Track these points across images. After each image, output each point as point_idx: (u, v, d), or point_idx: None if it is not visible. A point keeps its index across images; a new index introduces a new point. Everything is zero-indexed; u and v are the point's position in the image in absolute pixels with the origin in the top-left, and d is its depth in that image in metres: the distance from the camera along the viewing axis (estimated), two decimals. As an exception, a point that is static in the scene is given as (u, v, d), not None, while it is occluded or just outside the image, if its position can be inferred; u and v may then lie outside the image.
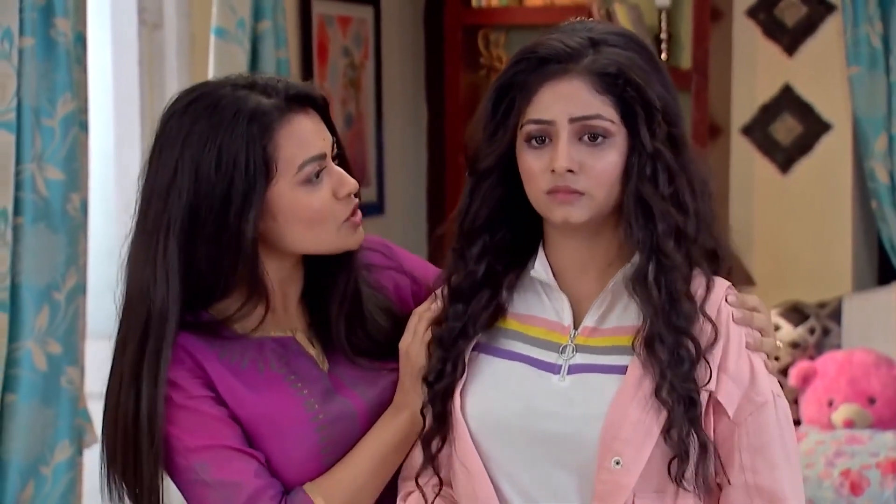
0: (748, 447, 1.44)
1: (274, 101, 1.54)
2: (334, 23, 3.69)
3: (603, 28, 1.47)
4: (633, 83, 1.43)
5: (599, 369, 1.46)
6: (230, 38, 3.05)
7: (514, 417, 1.46)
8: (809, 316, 3.62)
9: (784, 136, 3.84)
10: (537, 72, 1.43)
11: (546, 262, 1.50)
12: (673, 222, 1.43)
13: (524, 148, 1.45)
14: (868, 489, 3.31)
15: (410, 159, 4.11)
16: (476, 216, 1.49)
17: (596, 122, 1.42)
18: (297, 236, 1.57)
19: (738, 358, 1.46)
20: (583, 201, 1.43)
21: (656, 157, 1.44)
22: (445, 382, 1.49)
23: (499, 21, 3.90)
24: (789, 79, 3.83)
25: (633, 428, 1.41)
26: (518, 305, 1.52)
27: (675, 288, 1.43)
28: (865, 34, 3.62)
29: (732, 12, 3.87)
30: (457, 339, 1.50)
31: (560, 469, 1.44)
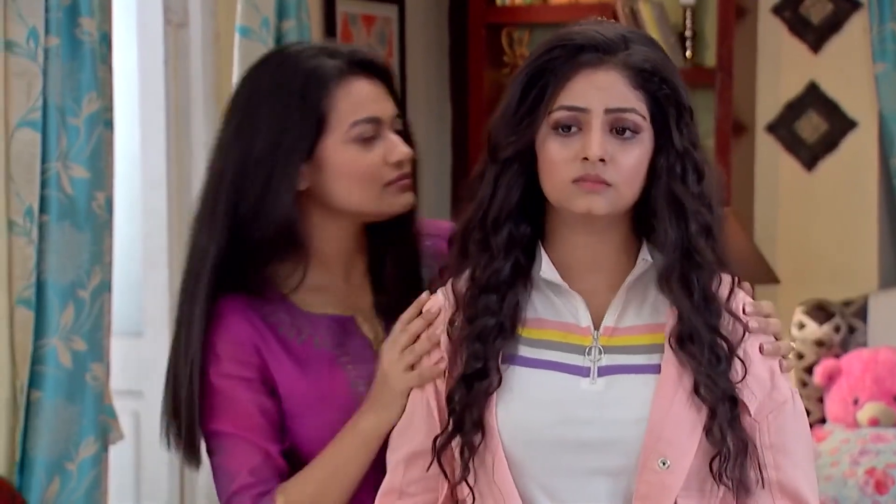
0: (770, 445, 1.45)
1: (336, 63, 1.63)
2: (358, 21, 3.70)
3: (628, 27, 1.47)
4: (668, 82, 1.43)
5: (630, 370, 1.45)
6: (254, 36, 3.06)
7: (548, 427, 1.43)
8: (835, 314, 3.60)
9: (809, 134, 3.82)
10: (573, 59, 1.41)
11: (550, 262, 1.47)
12: (704, 220, 1.44)
13: (550, 135, 1.43)
14: (893, 488, 3.30)
15: (434, 158, 4.11)
16: (502, 206, 1.45)
17: (630, 116, 1.42)
18: (343, 192, 1.62)
19: (760, 357, 1.46)
20: (609, 193, 1.41)
21: (686, 156, 1.44)
22: (485, 386, 1.43)
23: (523, 19, 3.90)
24: (815, 76, 3.81)
25: (676, 427, 1.40)
26: (527, 310, 1.48)
27: (708, 286, 1.44)
28: (891, 31, 3.59)
29: (758, 9, 3.85)
30: (495, 337, 1.45)
31: (596, 474, 1.43)
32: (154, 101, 3.17)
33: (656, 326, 1.46)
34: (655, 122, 1.43)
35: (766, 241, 3.79)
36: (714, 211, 1.45)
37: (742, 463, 1.41)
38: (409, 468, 1.50)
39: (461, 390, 1.44)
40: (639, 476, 1.40)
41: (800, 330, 3.61)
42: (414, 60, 3.98)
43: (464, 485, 1.45)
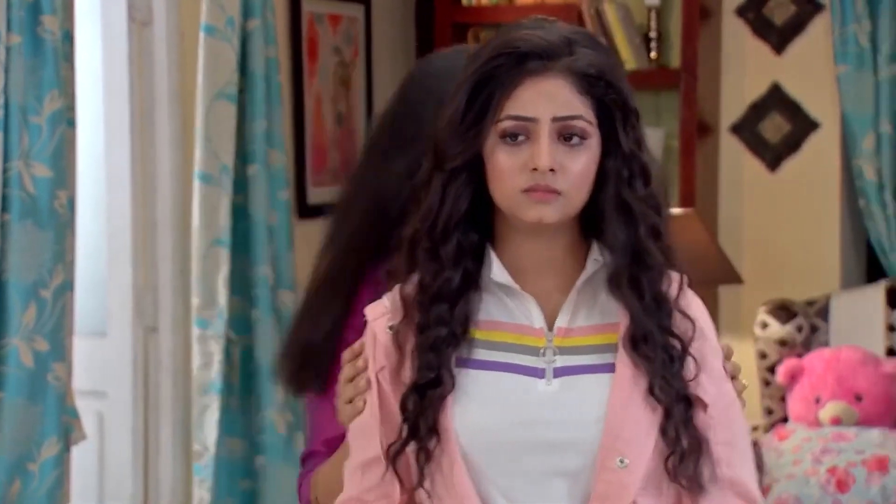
0: (723, 442, 1.46)
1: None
2: (324, 21, 3.70)
3: (570, 28, 1.46)
4: (614, 86, 1.43)
5: (584, 370, 1.45)
6: (219, 35, 3.05)
7: (506, 430, 1.43)
8: (797, 314, 3.63)
9: (772, 135, 3.85)
10: (518, 67, 1.41)
11: (501, 265, 1.47)
12: (652, 222, 1.44)
13: (498, 144, 1.42)
14: (854, 486, 3.33)
15: (401, 157, 4.12)
16: (451, 215, 1.44)
17: (577, 123, 1.41)
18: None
19: (713, 356, 1.48)
20: (559, 201, 1.42)
21: (633, 159, 1.44)
22: (439, 392, 1.43)
23: (489, 19, 3.91)
24: (778, 77, 3.84)
25: (634, 426, 1.41)
26: (479, 313, 1.47)
27: (658, 287, 1.45)
28: (853, 33, 3.63)
29: (721, 11, 3.88)
30: (447, 345, 1.44)
31: (555, 475, 1.43)
32: (118, 99, 3.16)
33: (608, 326, 1.46)
34: (602, 126, 1.43)
35: (731, 242, 3.82)
36: (661, 212, 1.46)
37: (696, 461, 1.42)
38: (366, 475, 1.50)
39: (414, 397, 1.44)
40: (597, 475, 1.41)
41: (763, 329, 3.63)
42: (380, 60, 3.98)
43: (421, 490, 1.45)
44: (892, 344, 3.59)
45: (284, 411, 3.19)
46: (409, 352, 1.46)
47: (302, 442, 3.26)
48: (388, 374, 1.48)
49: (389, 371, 1.47)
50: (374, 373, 1.49)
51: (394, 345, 1.47)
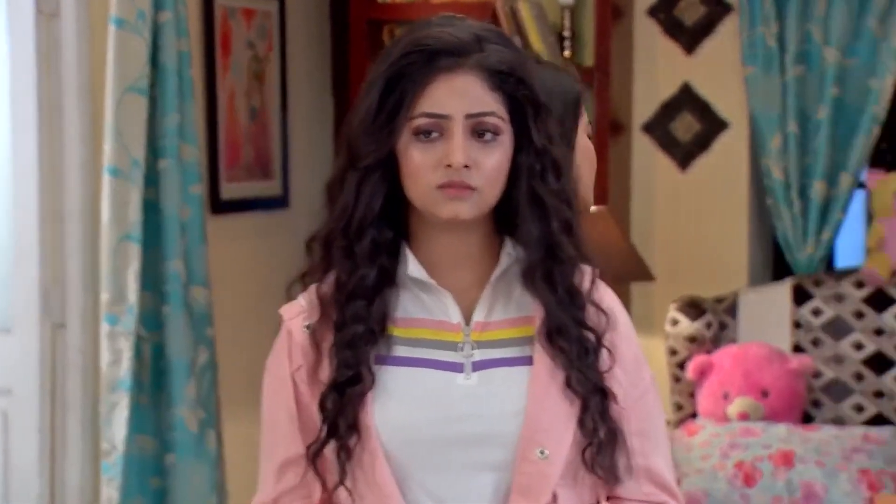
0: (637, 432, 1.48)
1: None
2: (237, 14, 3.66)
3: (479, 24, 1.47)
4: (525, 82, 1.45)
5: (503, 363, 1.46)
6: (130, 28, 3.01)
7: (427, 425, 1.44)
8: (706, 310, 3.69)
9: (683, 134, 3.90)
10: (429, 64, 1.42)
11: (417, 261, 1.47)
12: (564, 216, 1.46)
13: (412, 141, 1.43)
14: (760, 480, 3.39)
15: (316, 153, 4.10)
16: (365, 213, 1.45)
17: (490, 119, 1.43)
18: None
19: (626, 346, 1.50)
20: (473, 197, 1.43)
21: (545, 154, 1.46)
22: (358, 389, 1.43)
23: (404, 16, 3.90)
24: (688, 77, 3.89)
25: (553, 417, 1.43)
26: (396, 310, 1.48)
27: (571, 280, 1.46)
28: (761, 35, 3.69)
29: (633, 11, 3.92)
30: (365, 342, 1.44)
31: (477, 469, 1.44)
32: (25, 93, 3.10)
33: (524, 319, 1.48)
34: (514, 121, 1.45)
35: (642, 239, 3.86)
36: (573, 206, 1.48)
37: (612, 452, 1.45)
38: (281, 478, 1.50)
39: (333, 396, 1.44)
40: (518, 467, 1.42)
41: (673, 326, 3.68)
42: (294, 55, 3.96)
43: (342, 488, 1.44)
44: (797, 340, 3.66)
45: (196, 408, 3.16)
46: (327, 350, 1.46)
47: (214, 439, 3.23)
48: (305, 373, 1.47)
49: (306, 370, 1.47)
50: (291, 372, 1.48)
51: (311, 344, 1.47)
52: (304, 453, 1.46)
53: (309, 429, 1.47)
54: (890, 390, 3.57)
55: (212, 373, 3.25)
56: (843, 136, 3.70)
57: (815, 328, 3.63)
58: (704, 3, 3.86)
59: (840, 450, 3.39)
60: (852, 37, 3.67)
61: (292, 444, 1.48)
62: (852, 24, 3.66)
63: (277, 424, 1.50)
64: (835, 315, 3.63)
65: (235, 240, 3.65)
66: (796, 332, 3.66)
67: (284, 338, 1.50)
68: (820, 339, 3.62)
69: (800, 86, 3.72)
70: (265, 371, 1.55)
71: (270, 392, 1.53)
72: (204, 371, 3.21)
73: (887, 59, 3.61)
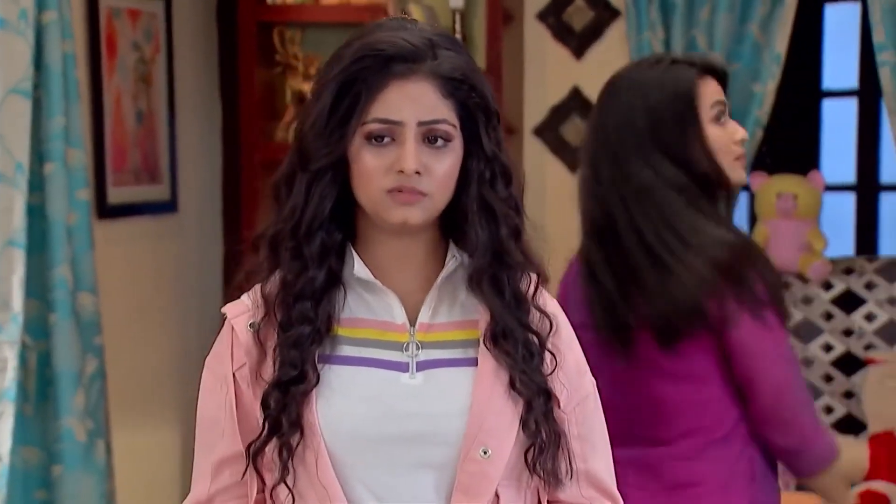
0: (577, 436, 1.50)
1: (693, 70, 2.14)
2: (123, 15, 3.59)
3: (431, 29, 1.48)
4: (476, 89, 1.46)
5: (447, 363, 1.48)
6: (11, 28, 2.93)
7: (371, 422, 1.44)
8: (598, 312, 3.73)
9: (573, 137, 3.95)
10: (383, 70, 1.42)
11: (363, 262, 1.48)
12: (513, 223, 1.49)
13: (364, 146, 1.44)
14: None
15: (204, 157, 4.04)
16: (315, 215, 1.45)
17: (442, 126, 1.44)
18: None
19: (568, 351, 1.53)
20: (424, 203, 1.44)
21: (495, 160, 1.48)
22: (302, 388, 1.43)
23: (294, 18, 3.87)
24: (578, 81, 3.94)
25: (497, 418, 1.44)
26: (342, 310, 1.49)
27: (518, 285, 1.48)
28: (648, 40, 3.75)
29: (524, 15, 3.95)
30: (311, 342, 1.45)
31: (420, 468, 1.44)
32: None
33: (469, 322, 1.49)
34: (465, 128, 1.46)
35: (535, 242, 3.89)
36: (521, 213, 1.50)
37: (554, 454, 1.46)
38: (217, 476, 1.49)
39: (277, 394, 1.43)
40: (461, 466, 1.43)
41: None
42: (182, 57, 3.90)
43: (282, 487, 1.44)
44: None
45: (84, 418, 3.09)
46: (271, 349, 1.45)
47: (103, 450, 3.16)
48: (248, 372, 1.47)
49: (249, 369, 1.47)
50: (232, 371, 1.46)
51: (255, 342, 1.46)
52: (243, 452, 1.45)
53: (247, 429, 1.46)
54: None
55: (100, 382, 3.18)
56: (728, 139, 3.78)
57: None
58: (592, 9, 3.91)
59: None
60: (735, 42, 3.75)
61: (231, 443, 1.47)
62: (735, 31, 3.74)
63: (215, 423, 1.49)
64: (721, 315, 3.70)
65: (123, 245, 3.58)
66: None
67: (227, 336, 1.50)
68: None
69: (686, 90, 3.78)
70: (204, 368, 1.53)
71: (209, 390, 1.52)
72: (92, 380, 3.14)
73: (769, 64, 3.71)
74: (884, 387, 3.49)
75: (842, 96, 4.28)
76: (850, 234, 4.12)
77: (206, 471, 1.49)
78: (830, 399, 3.64)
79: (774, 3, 3.70)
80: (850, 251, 4.08)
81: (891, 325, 3.58)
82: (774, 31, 3.70)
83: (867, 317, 3.61)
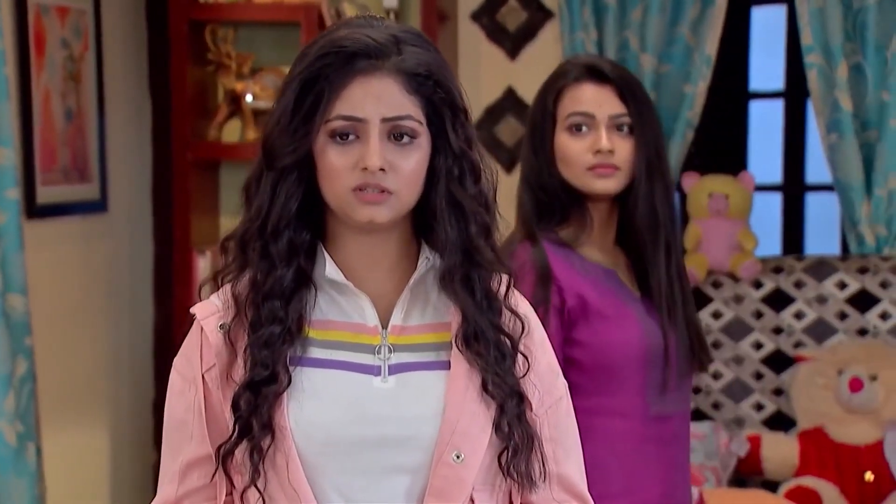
0: (549, 439, 1.50)
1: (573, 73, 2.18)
2: (51, 12, 3.54)
3: (398, 26, 1.47)
4: (442, 85, 1.44)
5: (420, 367, 1.46)
6: (-61, 24, 2.87)
7: (343, 426, 1.42)
8: (532, 311, 3.74)
9: (508, 137, 3.96)
10: (346, 66, 1.41)
11: (334, 263, 1.47)
12: (482, 220, 1.47)
13: (328, 143, 1.42)
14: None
15: (134, 155, 3.99)
16: (281, 214, 1.43)
17: (407, 123, 1.42)
18: (565, 172, 2.23)
19: (541, 353, 1.52)
20: (390, 201, 1.42)
21: (463, 157, 1.46)
22: (273, 389, 1.41)
23: (226, 16, 3.84)
24: (512, 82, 3.95)
25: (470, 421, 1.43)
26: (313, 312, 1.47)
27: (489, 285, 1.47)
28: (581, 40, 3.78)
29: (457, 15, 3.96)
30: (282, 342, 1.43)
31: (392, 472, 1.43)
32: None
33: (441, 325, 1.48)
34: (432, 124, 1.44)
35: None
36: (491, 210, 1.48)
37: (528, 457, 1.46)
38: (185, 479, 1.47)
39: (248, 395, 1.41)
40: (434, 470, 1.42)
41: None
42: (111, 54, 3.85)
43: (252, 490, 1.42)
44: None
45: (14, 421, 3.04)
46: (242, 350, 1.43)
47: (33, 453, 3.11)
48: (217, 373, 1.45)
49: (219, 370, 1.45)
50: (201, 373, 1.45)
51: (225, 343, 1.44)
52: (211, 454, 1.43)
53: (216, 431, 1.44)
54: (707, 386, 3.70)
55: (31, 384, 3.12)
56: (659, 140, 3.82)
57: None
58: (525, 9, 3.93)
59: (662, 444, 3.50)
60: (667, 44, 3.79)
61: (199, 445, 1.45)
62: (667, 32, 3.78)
63: (183, 425, 1.47)
64: (654, 313, 3.74)
65: (53, 245, 3.52)
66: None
67: (196, 337, 1.48)
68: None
69: (618, 91, 3.82)
70: (172, 370, 1.51)
71: (177, 391, 1.49)
72: (22, 382, 3.09)
73: (700, 66, 3.75)
74: (812, 384, 3.55)
75: (769, 98, 4.35)
76: (776, 234, 4.19)
77: (173, 473, 1.47)
78: (761, 396, 3.69)
79: (705, 5, 3.75)
80: (776, 250, 4.15)
81: (819, 323, 3.65)
82: (705, 33, 3.75)
83: (796, 315, 3.67)
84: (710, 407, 3.71)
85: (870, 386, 3.48)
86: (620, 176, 2.14)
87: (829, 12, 3.61)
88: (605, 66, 2.18)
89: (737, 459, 3.53)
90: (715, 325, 3.69)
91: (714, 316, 3.70)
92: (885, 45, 3.60)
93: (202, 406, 1.45)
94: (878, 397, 3.48)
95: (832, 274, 3.65)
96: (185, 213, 3.76)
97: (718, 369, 3.69)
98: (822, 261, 3.69)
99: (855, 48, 3.63)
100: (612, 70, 2.17)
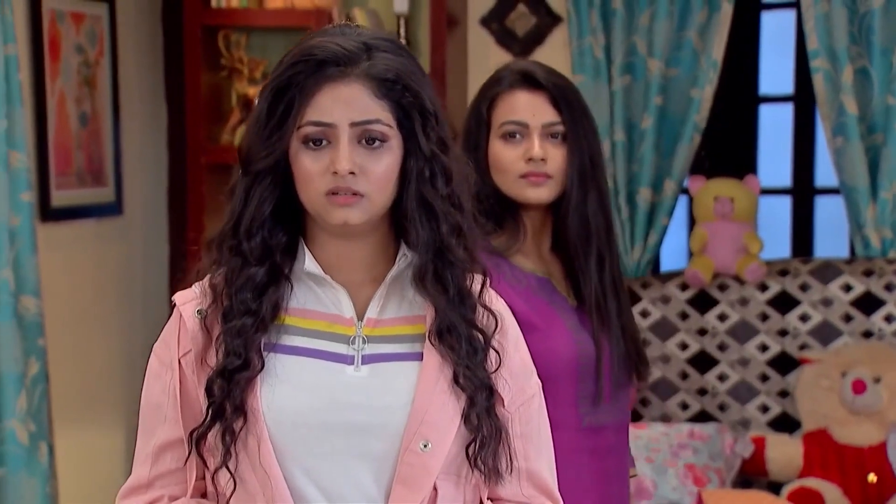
0: (520, 435, 1.54)
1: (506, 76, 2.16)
2: (66, 19, 3.60)
3: (371, 33, 1.52)
4: (410, 89, 1.49)
5: (392, 357, 1.50)
6: (-46, 31, 2.93)
7: (314, 412, 1.47)
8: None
9: (515, 141, 3.99)
10: (316, 74, 1.46)
11: (313, 257, 1.52)
12: (454, 220, 1.51)
13: (301, 149, 1.47)
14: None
15: (150, 160, 4.05)
16: (254, 217, 1.49)
17: (376, 127, 1.47)
18: (498, 179, 2.15)
19: (514, 351, 1.56)
20: (362, 203, 1.47)
21: (433, 159, 1.50)
22: (247, 375, 1.46)
23: (239, 22, 3.89)
24: (521, 86, 3.97)
25: (438, 412, 1.47)
26: (290, 301, 1.52)
27: (462, 282, 1.51)
28: (589, 45, 3.81)
29: (467, 21, 3.99)
30: (255, 331, 1.47)
31: (361, 459, 1.47)
32: None
33: (417, 318, 1.53)
34: (403, 127, 1.49)
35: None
36: (463, 210, 1.52)
37: (495, 450, 1.49)
38: (158, 461, 1.51)
39: (220, 381, 1.46)
40: (401, 458, 1.46)
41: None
42: (126, 60, 3.90)
43: (223, 472, 1.46)
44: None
45: (27, 421, 3.09)
46: (217, 337, 1.48)
47: (46, 452, 3.16)
48: (193, 358, 1.49)
49: (195, 355, 1.49)
50: (178, 357, 1.50)
51: (201, 329, 1.49)
52: (185, 437, 1.48)
53: (190, 415, 1.49)
54: (713, 388, 3.72)
55: (43, 384, 3.18)
56: (667, 144, 3.85)
57: (643, 329, 3.75)
58: (535, 14, 3.96)
59: (668, 446, 3.52)
60: (674, 49, 3.81)
61: (173, 428, 1.50)
62: (674, 37, 3.81)
63: (158, 407, 1.51)
64: (661, 316, 3.76)
65: (67, 248, 3.58)
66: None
67: (175, 322, 1.53)
68: (647, 340, 3.75)
69: (626, 95, 3.85)
70: (151, 354, 1.56)
71: (154, 375, 1.54)
72: (35, 382, 3.14)
73: (707, 70, 3.77)
74: (817, 386, 3.56)
75: (778, 101, 4.36)
76: (786, 237, 4.20)
77: (146, 455, 1.51)
78: (766, 398, 3.71)
79: (712, 10, 3.78)
80: (786, 253, 4.16)
81: (824, 326, 3.66)
82: (712, 38, 3.77)
83: (802, 317, 3.68)
84: (717, 408, 3.73)
85: (873, 388, 3.49)
86: (553, 184, 2.10)
87: (834, 17, 3.62)
88: (539, 73, 2.13)
89: (741, 460, 3.55)
90: (721, 327, 3.71)
91: (720, 318, 3.72)
92: (891, 49, 3.62)
93: (177, 390, 1.50)
94: (882, 399, 3.49)
95: (837, 276, 3.67)
96: (199, 216, 3.81)
97: (724, 371, 3.72)
98: (827, 263, 3.71)
99: (860, 52, 3.65)
100: (546, 77, 2.12)
